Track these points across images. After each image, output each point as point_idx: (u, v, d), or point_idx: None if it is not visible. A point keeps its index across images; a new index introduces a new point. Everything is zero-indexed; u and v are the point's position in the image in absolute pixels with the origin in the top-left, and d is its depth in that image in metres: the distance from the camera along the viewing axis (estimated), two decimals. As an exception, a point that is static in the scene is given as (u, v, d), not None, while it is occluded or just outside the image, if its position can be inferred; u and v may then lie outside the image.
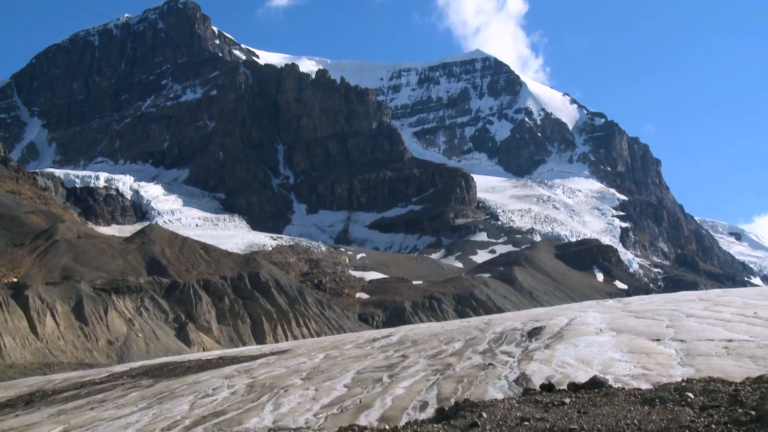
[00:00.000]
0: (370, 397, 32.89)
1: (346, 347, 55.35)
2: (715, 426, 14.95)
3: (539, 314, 63.07)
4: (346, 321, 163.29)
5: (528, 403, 19.79)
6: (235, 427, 29.23)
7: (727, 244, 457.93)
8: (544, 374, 33.12)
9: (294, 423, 29.52)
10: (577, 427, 16.08)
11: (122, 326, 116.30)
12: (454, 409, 21.45)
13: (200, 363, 58.00)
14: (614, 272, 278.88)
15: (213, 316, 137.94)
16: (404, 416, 28.46)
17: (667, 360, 33.67)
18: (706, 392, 17.86)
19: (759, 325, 41.58)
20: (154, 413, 34.45)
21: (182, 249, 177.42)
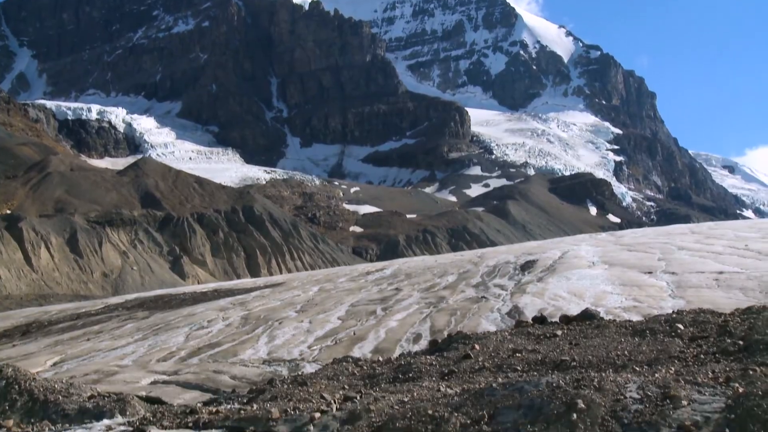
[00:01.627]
0: (364, 330, 33.17)
1: (340, 280, 55.65)
2: (704, 356, 15.13)
3: (532, 248, 63.38)
4: (340, 254, 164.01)
5: (520, 335, 19.97)
6: (231, 358, 29.51)
7: (720, 178, 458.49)
8: (536, 307, 33.40)
9: (288, 355, 29.80)
10: (569, 358, 16.25)
11: (117, 259, 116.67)
12: (447, 341, 21.64)
13: (195, 295, 58.34)
14: (607, 206, 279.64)
15: (207, 249, 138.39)
16: (398, 348, 28.75)
17: (659, 292, 33.95)
18: (695, 323, 18.03)
19: (749, 257, 41.90)
20: (149, 344, 34.75)
21: (176, 182, 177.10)
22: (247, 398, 17.97)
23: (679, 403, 12.10)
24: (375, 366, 19.89)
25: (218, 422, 14.83)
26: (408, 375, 17.84)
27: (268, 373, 25.31)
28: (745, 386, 12.32)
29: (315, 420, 14.40)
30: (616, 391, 12.81)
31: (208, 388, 23.90)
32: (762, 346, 15.04)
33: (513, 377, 15.45)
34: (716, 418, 11.53)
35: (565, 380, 13.75)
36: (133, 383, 24.92)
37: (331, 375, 19.24)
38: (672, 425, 11.60)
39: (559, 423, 12.40)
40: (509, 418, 13.05)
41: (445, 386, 15.92)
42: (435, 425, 13.24)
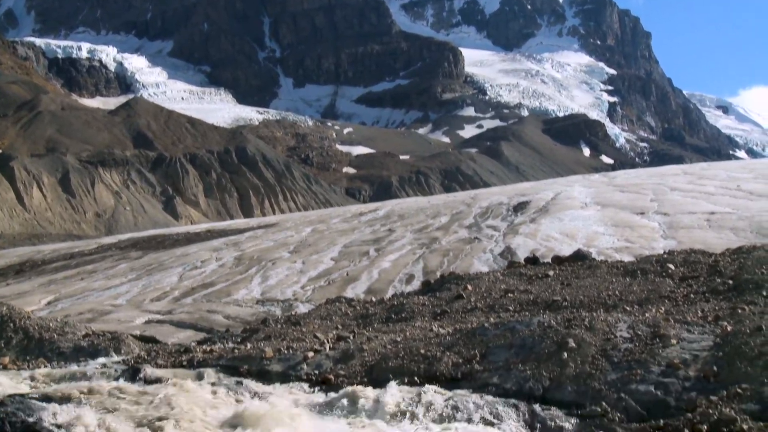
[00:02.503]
0: (357, 270, 33.37)
1: (333, 221, 55.78)
2: (694, 295, 15.29)
3: (525, 189, 63.49)
4: (333, 195, 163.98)
5: (512, 276, 20.11)
6: (224, 298, 29.68)
7: (714, 118, 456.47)
8: (528, 248, 33.59)
9: (282, 295, 29.99)
10: (560, 298, 16.39)
11: (109, 199, 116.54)
12: (440, 281, 21.79)
13: (188, 236, 58.45)
14: (601, 147, 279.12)
15: (200, 190, 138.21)
16: (390, 288, 28.95)
17: (650, 233, 34.15)
18: (686, 263, 18.17)
19: (741, 197, 42.10)
20: (143, 284, 34.91)
21: (168, 122, 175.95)
22: (240, 338, 18.13)
23: (669, 341, 12.26)
24: (368, 306, 20.04)
25: (212, 361, 14.98)
26: (401, 315, 17.98)
27: (261, 313, 25.49)
28: (734, 325, 12.48)
29: (308, 359, 14.56)
30: (606, 330, 12.96)
31: (202, 327, 24.08)
32: (751, 285, 15.18)
33: (505, 317, 15.60)
34: (704, 356, 11.69)
35: (557, 320, 13.89)
36: (128, 322, 25.07)
37: (324, 315, 19.39)
38: (661, 363, 11.76)
39: (550, 362, 12.57)
40: (501, 357, 13.21)
41: (438, 326, 16.06)
42: (427, 364, 13.39)
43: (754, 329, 11.75)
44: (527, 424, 10.94)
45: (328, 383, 13.06)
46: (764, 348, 11.16)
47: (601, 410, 10.85)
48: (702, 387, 10.89)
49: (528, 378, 11.96)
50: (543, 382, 11.82)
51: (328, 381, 13.14)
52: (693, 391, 10.84)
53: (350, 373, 13.33)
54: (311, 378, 13.39)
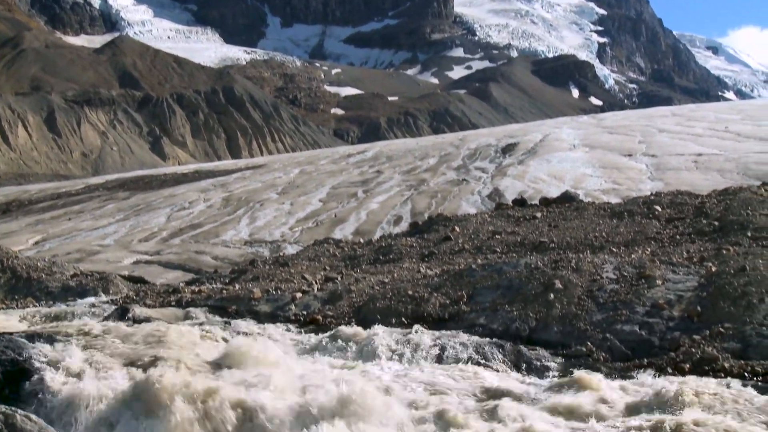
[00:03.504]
0: (345, 212, 33.44)
1: (321, 162, 55.68)
2: (680, 237, 15.40)
3: (514, 130, 63.37)
4: (321, 136, 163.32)
5: (500, 218, 20.17)
6: (212, 239, 29.74)
7: (703, 59, 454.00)
8: (516, 189, 33.69)
9: (270, 236, 30.07)
10: (547, 240, 16.48)
11: (96, 139, 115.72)
12: (428, 223, 21.85)
13: (176, 176, 58.28)
14: (590, 88, 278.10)
15: (187, 131, 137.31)
16: (378, 230, 29.06)
17: (638, 175, 34.28)
18: (673, 205, 18.25)
19: (729, 139, 42.22)
20: (131, 225, 34.90)
21: (154, 62, 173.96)
22: (229, 278, 18.20)
23: (654, 282, 12.38)
24: (356, 247, 20.13)
25: (201, 301, 15.05)
26: (388, 256, 18.07)
27: (249, 254, 25.58)
28: (718, 265, 12.60)
29: (296, 300, 14.65)
30: (592, 271, 13.07)
31: (190, 268, 24.16)
32: (736, 226, 15.30)
33: (492, 258, 15.69)
34: (689, 296, 11.82)
35: (544, 261, 13.99)
36: (116, 263, 25.12)
37: (313, 256, 19.47)
38: (646, 304, 11.90)
39: (536, 303, 12.69)
40: (488, 299, 13.32)
41: (425, 267, 16.16)
42: (415, 305, 13.50)
43: (738, 269, 11.86)
44: (513, 363, 11.07)
45: (316, 324, 13.16)
46: (747, 288, 11.29)
47: (586, 350, 10.99)
48: (686, 326, 11.03)
49: (514, 319, 12.07)
50: (529, 322, 11.93)
51: (316, 321, 13.23)
52: (677, 330, 10.98)
53: (338, 313, 13.42)
54: (299, 319, 13.47)
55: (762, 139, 39.75)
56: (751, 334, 10.41)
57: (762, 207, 16.16)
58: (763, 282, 11.31)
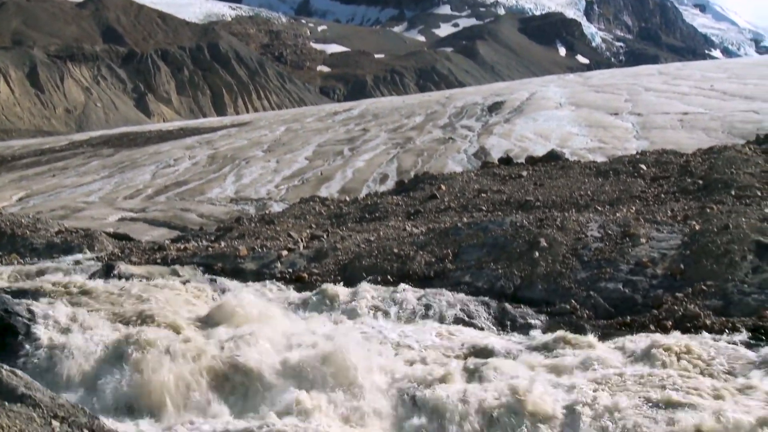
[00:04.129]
0: (331, 170, 33.40)
1: (307, 120, 55.43)
2: (664, 195, 15.47)
3: (500, 89, 63.18)
4: (307, 94, 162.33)
5: (486, 176, 20.18)
6: (198, 196, 29.67)
7: (690, 17, 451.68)
8: (502, 148, 33.69)
9: (255, 194, 30.03)
10: (533, 198, 16.52)
11: (80, 95, 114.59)
12: (414, 181, 21.84)
13: (161, 133, 57.93)
14: (577, 46, 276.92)
15: (172, 87, 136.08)
16: (364, 188, 29.05)
17: (624, 133, 34.34)
18: (658, 164, 18.30)
19: (714, 97, 42.29)
20: (116, 182, 34.75)
21: (138, 17, 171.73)
22: (214, 236, 18.18)
23: (638, 240, 12.46)
24: (342, 205, 20.12)
25: (186, 259, 15.05)
26: (374, 215, 18.08)
27: (235, 212, 25.54)
28: (702, 224, 12.68)
29: (282, 258, 14.66)
30: (577, 230, 13.12)
31: (176, 225, 24.12)
32: (720, 185, 15.38)
33: (478, 217, 15.73)
34: (672, 254, 11.91)
35: (529, 220, 14.04)
36: (101, 219, 25.04)
37: (298, 214, 19.45)
38: (630, 262, 11.98)
39: (521, 261, 12.75)
40: (473, 257, 13.37)
41: (411, 225, 16.19)
42: (401, 263, 13.54)
43: (721, 228, 11.95)
44: (498, 321, 11.16)
45: (302, 282, 13.20)
46: (730, 246, 11.39)
47: (570, 308, 11.09)
48: (669, 284, 11.13)
49: (499, 277, 12.14)
50: (514, 280, 12.01)
51: (302, 279, 13.27)
52: (660, 288, 11.08)
53: (324, 271, 13.45)
54: (285, 276, 13.50)
55: (747, 98, 39.82)
56: (733, 292, 10.52)
57: (746, 166, 16.24)
58: (746, 240, 11.41)
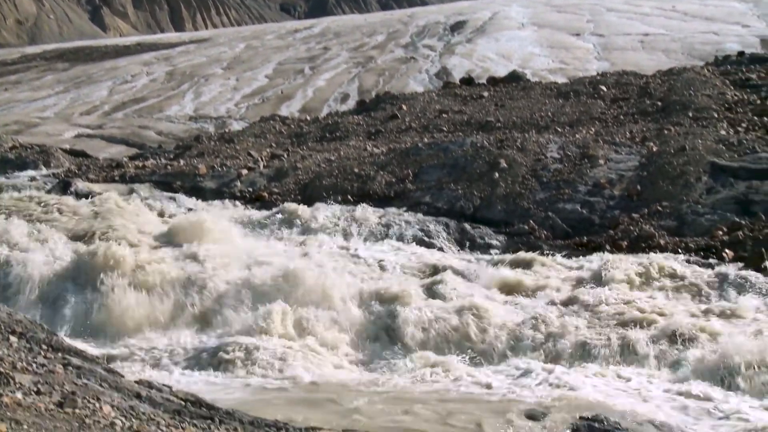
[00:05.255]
0: (292, 88, 33.05)
1: (268, 38, 54.55)
2: (624, 117, 15.56)
3: (463, 8, 62.49)
4: (267, 11, 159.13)
5: (447, 96, 20.10)
6: (156, 114, 29.26)
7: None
8: (464, 68, 33.52)
9: (215, 112, 29.68)
10: (494, 119, 16.53)
11: (31, 6, 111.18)
12: (375, 101, 21.70)
13: (117, 48, 56.64)
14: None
15: (129, 1, 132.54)
16: (325, 107, 28.83)
17: (585, 54, 34.33)
18: (618, 85, 18.36)
19: (675, 18, 42.34)
20: (71, 97, 34.08)
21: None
22: (173, 154, 17.98)
23: (597, 162, 12.57)
24: (302, 125, 19.96)
25: (145, 177, 14.90)
26: (335, 134, 17.98)
27: (194, 130, 25.25)
28: (659, 145, 12.82)
29: (242, 176, 14.58)
30: (537, 151, 13.19)
31: (134, 143, 23.83)
32: (679, 106, 15.51)
33: (439, 137, 15.71)
34: (630, 175, 12.05)
35: (489, 140, 14.06)
36: (56, 136, 24.62)
37: (259, 133, 19.28)
38: (588, 183, 12.10)
39: (481, 181, 12.81)
40: (433, 177, 13.41)
41: (372, 145, 16.14)
42: (361, 183, 13.54)
43: (678, 149, 12.10)
44: (457, 241, 11.28)
45: (262, 200, 13.17)
46: (686, 167, 11.55)
47: (528, 228, 11.23)
48: (625, 205, 11.30)
49: (459, 197, 12.21)
50: (474, 201, 12.09)
51: (262, 198, 13.24)
52: (617, 209, 11.25)
53: (284, 191, 13.43)
54: (245, 195, 13.47)
55: (708, 19, 39.92)
56: (687, 212, 10.72)
57: (704, 87, 16.36)
58: (701, 161, 11.58)
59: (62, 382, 4.34)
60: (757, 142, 12.15)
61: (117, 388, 4.84)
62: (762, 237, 9.84)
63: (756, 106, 14.48)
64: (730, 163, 11.54)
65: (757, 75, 17.11)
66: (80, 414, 3.78)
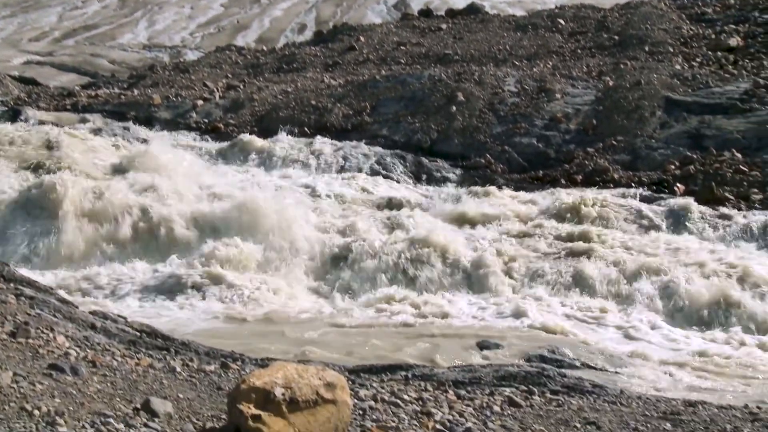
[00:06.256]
0: (248, 18, 32.47)
1: (223, -36, 53.41)
2: (581, 51, 15.59)
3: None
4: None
5: (405, 28, 19.93)
6: (108, 42, 28.63)
7: None
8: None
9: (169, 41, 29.12)
10: (452, 52, 16.46)
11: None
12: (333, 32, 21.45)
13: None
14: None
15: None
16: (282, 38, 28.42)
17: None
18: (576, 19, 18.31)
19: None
20: (19, 22, 33.14)
21: None
22: (127, 83, 17.70)
23: (553, 96, 12.63)
24: (258, 55, 19.72)
25: (98, 106, 14.66)
26: (292, 65, 17.81)
27: (148, 59, 24.79)
28: (615, 80, 12.90)
29: (198, 107, 14.41)
30: (495, 84, 13.20)
31: (86, 71, 23.35)
32: (635, 40, 15.56)
33: (396, 70, 15.62)
34: (586, 110, 12.14)
35: (447, 74, 14.03)
36: (4, 62, 24.00)
37: (214, 63, 19.03)
38: (545, 117, 12.17)
39: (438, 115, 12.81)
40: (391, 110, 13.38)
41: (329, 77, 16.02)
42: (318, 115, 13.47)
43: (634, 84, 12.19)
44: (414, 174, 11.33)
45: (217, 132, 13.08)
46: (641, 102, 11.66)
47: (485, 162, 11.29)
48: (581, 139, 11.40)
49: (417, 130, 12.22)
50: (431, 134, 12.11)
51: (217, 129, 13.14)
52: (572, 143, 11.35)
53: (240, 122, 13.33)
54: (201, 126, 13.36)
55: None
56: (641, 147, 10.87)
57: (660, 21, 16.39)
58: (656, 96, 11.70)
59: (15, 312, 4.32)
60: (711, 77, 12.29)
61: (71, 318, 4.82)
62: (712, 171, 10.02)
63: (711, 40, 14.58)
64: (684, 97, 11.67)
65: (712, 9, 17.16)
66: (33, 344, 3.77)
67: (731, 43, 14.09)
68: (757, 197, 9.51)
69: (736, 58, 13.46)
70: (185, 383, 3.78)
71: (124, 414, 2.99)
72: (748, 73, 12.46)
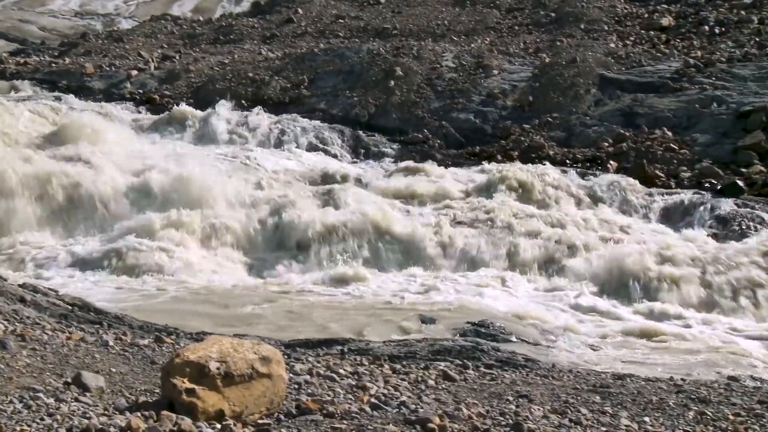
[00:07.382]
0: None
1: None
2: (518, 27, 15.72)
3: None
4: None
5: (344, 1, 19.82)
6: (38, 8, 27.87)
7: None
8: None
9: (102, 8, 28.47)
10: (390, 26, 16.44)
11: None
12: (270, 3, 21.20)
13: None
14: None
15: None
16: (219, 8, 28.01)
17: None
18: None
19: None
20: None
21: None
22: (58, 51, 17.29)
23: (491, 72, 12.72)
24: (195, 26, 19.43)
25: (28, 74, 14.31)
26: (229, 37, 17.61)
27: (80, 27, 24.22)
28: (552, 57, 13.05)
29: (132, 77, 14.16)
30: (433, 59, 13.25)
31: (15, 38, 22.74)
32: (572, 18, 15.75)
33: (335, 43, 15.57)
34: (522, 86, 12.26)
35: (386, 48, 14.02)
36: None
37: (149, 32, 18.69)
38: (482, 93, 12.26)
39: (376, 89, 12.81)
40: (329, 84, 13.33)
41: (267, 50, 15.88)
42: (255, 88, 13.35)
43: (570, 61, 12.34)
44: (352, 149, 11.33)
45: (152, 103, 12.88)
46: (576, 79, 11.82)
47: (422, 137, 11.34)
48: (517, 116, 11.53)
49: (354, 105, 12.21)
50: (369, 109, 12.11)
51: (152, 101, 12.94)
52: (509, 119, 11.47)
53: (176, 93, 13.16)
54: (135, 97, 13.16)
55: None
56: (576, 124, 11.03)
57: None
58: (591, 73, 11.86)
59: (-60, 286, 4.22)
60: (644, 56, 12.52)
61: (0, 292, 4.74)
62: (644, 148, 10.23)
63: (644, 19, 14.83)
64: (618, 75, 11.87)
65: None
66: (-40, 318, 3.69)
67: (663, 23, 14.35)
68: (686, 175, 9.74)
69: (668, 37, 13.73)
70: (118, 357, 3.74)
71: (55, 388, 2.95)
72: (679, 52, 12.72)
